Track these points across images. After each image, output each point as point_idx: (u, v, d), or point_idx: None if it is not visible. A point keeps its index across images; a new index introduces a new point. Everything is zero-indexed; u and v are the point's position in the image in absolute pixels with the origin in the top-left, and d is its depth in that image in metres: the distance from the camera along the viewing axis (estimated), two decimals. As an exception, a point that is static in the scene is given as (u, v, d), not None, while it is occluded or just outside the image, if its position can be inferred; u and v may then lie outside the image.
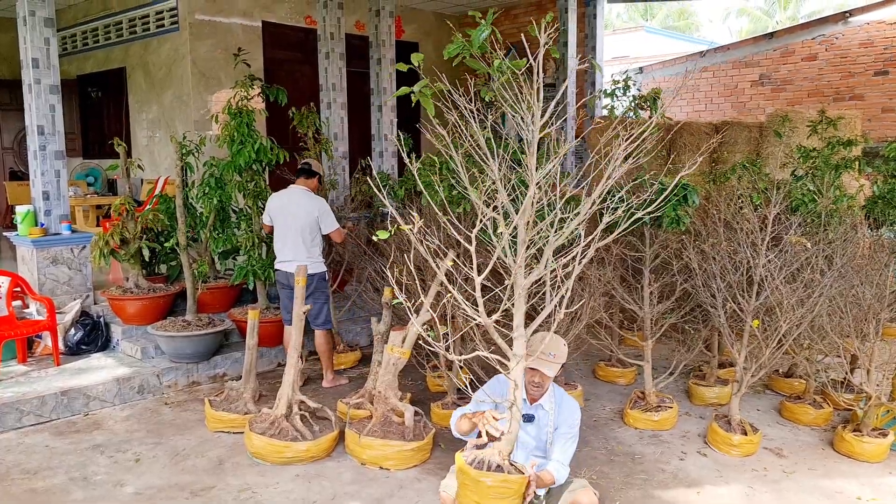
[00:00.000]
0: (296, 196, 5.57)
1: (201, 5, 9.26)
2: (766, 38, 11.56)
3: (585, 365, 6.35)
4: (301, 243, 5.46)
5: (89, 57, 11.18)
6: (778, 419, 5.23)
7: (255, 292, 6.43)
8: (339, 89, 7.97)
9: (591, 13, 11.25)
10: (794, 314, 4.51)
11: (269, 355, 6.29)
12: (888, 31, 10.17)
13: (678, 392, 5.67)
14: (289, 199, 5.57)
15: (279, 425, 4.50)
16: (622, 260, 5.43)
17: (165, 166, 9.61)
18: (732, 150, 9.12)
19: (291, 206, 5.52)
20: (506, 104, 3.11)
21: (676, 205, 4.67)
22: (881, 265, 4.91)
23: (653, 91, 5.61)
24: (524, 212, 3.11)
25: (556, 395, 3.51)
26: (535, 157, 3.03)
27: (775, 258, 4.71)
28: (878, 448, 4.52)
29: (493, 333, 3.33)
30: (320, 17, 7.81)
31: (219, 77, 9.42)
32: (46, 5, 6.19)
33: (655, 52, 15.66)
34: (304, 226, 5.45)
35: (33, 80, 6.19)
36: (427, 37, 12.27)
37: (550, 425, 3.49)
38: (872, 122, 10.20)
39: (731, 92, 11.77)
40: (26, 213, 6.28)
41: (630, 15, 27.57)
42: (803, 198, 5.45)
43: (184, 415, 5.26)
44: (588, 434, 4.94)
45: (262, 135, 6.12)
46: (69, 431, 4.96)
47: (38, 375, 5.59)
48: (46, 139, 6.28)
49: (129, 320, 6.23)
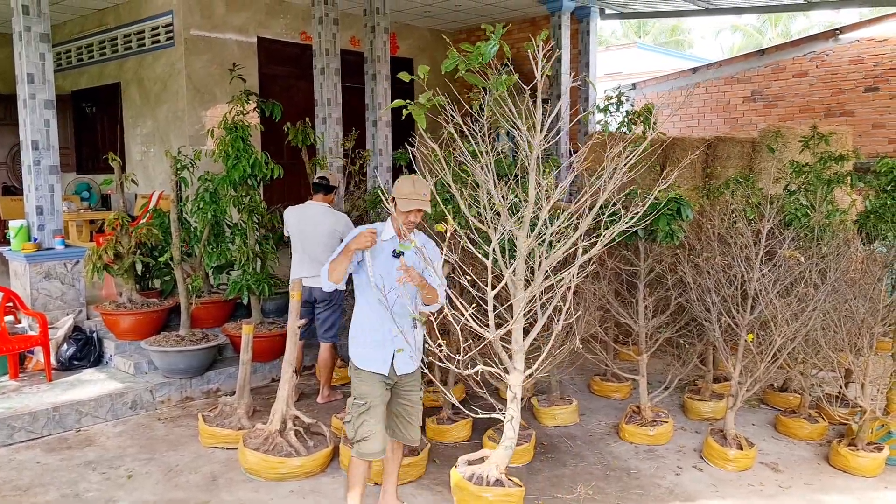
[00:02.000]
0: (315, 213, 5.46)
1: (197, 21, 9.30)
2: (757, 55, 11.68)
3: (581, 380, 6.34)
4: (325, 260, 5.37)
5: (84, 72, 11.20)
6: (773, 434, 5.23)
7: (249, 307, 6.41)
8: (335, 104, 8.00)
9: (585, 30, 11.36)
10: (789, 328, 4.52)
11: (263, 370, 6.26)
12: (878, 48, 10.29)
13: (673, 406, 5.66)
14: (307, 216, 5.46)
15: (273, 441, 4.48)
16: (617, 274, 5.44)
17: (160, 181, 9.60)
18: (725, 165, 9.19)
19: (310, 223, 5.41)
20: (503, 119, 3.13)
21: (670, 219, 4.68)
22: (874, 279, 4.93)
23: (645, 106, 5.63)
24: (524, 226, 3.12)
25: (420, 237, 3.64)
26: (534, 173, 3.04)
27: (769, 272, 4.73)
28: (874, 462, 4.52)
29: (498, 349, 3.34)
30: (315, 33, 7.86)
31: (214, 92, 9.45)
32: (42, 21, 6.21)
33: (648, 69, 15.77)
34: (327, 243, 5.33)
35: (28, 95, 6.19)
36: (422, 53, 12.35)
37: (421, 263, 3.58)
38: (863, 137, 10.29)
39: (723, 108, 11.86)
40: (19, 227, 6.26)
41: (624, 31, 27.79)
42: (796, 212, 5.48)
43: (177, 430, 5.22)
44: (583, 449, 4.92)
45: (257, 149, 6.12)
46: (61, 447, 4.91)
47: (29, 391, 5.54)
48: (41, 154, 6.28)
49: (122, 335, 6.19)
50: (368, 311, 3.65)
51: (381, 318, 3.58)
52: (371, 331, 3.63)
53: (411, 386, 3.78)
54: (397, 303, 3.51)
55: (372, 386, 3.62)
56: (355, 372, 3.68)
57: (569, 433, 5.21)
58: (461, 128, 3.41)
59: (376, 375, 3.62)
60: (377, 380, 3.63)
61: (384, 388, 3.65)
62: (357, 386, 3.67)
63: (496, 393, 5.49)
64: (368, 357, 3.64)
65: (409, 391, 3.77)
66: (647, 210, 4.57)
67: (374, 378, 3.62)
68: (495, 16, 11.58)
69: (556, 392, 5.52)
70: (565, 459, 4.75)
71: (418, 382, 3.82)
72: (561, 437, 5.14)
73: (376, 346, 3.62)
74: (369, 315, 3.64)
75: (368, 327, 3.64)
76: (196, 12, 9.28)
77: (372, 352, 3.63)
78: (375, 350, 3.62)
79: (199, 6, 9.30)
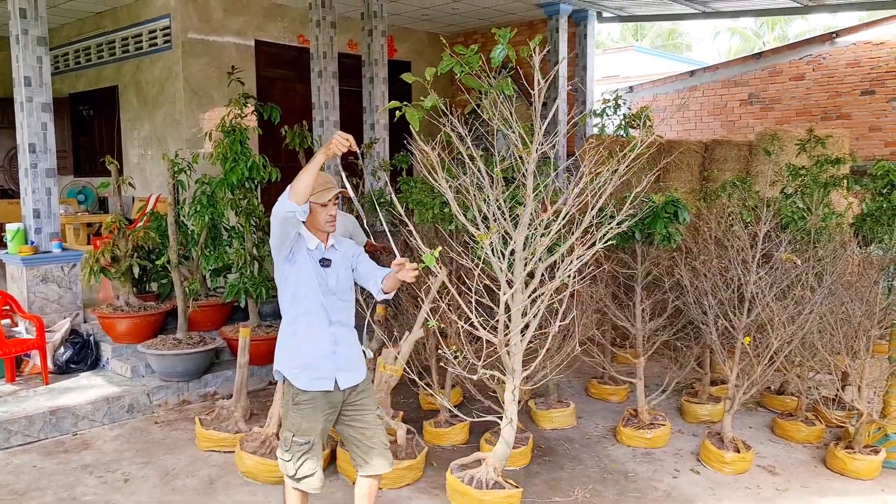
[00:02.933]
0: None
1: (195, 24, 9.31)
2: (754, 58, 11.71)
3: (578, 382, 6.35)
4: None
5: (81, 75, 11.20)
6: (770, 436, 5.23)
7: (246, 310, 6.41)
8: (332, 107, 8.01)
9: (582, 33, 11.38)
10: (785, 331, 4.53)
11: (259, 373, 6.25)
12: (874, 51, 10.32)
13: (671, 409, 5.67)
14: None
15: (270, 444, 4.47)
16: (614, 277, 5.45)
17: (157, 184, 9.60)
18: (722, 168, 9.21)
19: None
20: (501, 123, 3.14)
21: (667, 222, 4.69)
22: (870, 282, 4.94)
23: (641, 109, 5.65)
24: (521, 229, 3.13)
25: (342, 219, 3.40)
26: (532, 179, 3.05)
27: (766, 275, 4.73)
28: (870, 465, 4.52)
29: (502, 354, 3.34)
30: (313, 36, 7.87)
31: (211, 95, 9.45)
32: (39, 25, 6.22)
33: (646, 72, 15.82)
34: None
35: (25, 98, 6.19)
36: (420, 56, 12.37)
37: (346, 262, 3.36)
38: (860, 140, 10.32)
39: (720, 111, 11.89)
40: (16, 230, 6.25)
41: (622, 34, 27.87)
42: (793, 215, 5.49)
43: (174, 434, 5.22)
44: (581, 452, 4.92)
45: (255, 152, 6.12)
46: (57, 451, 4.90)
47: (26, 395, 5.54)
48: (38, 157, 6.28)
49: (119, 339, 6.19)
50: (306, 321, 3.25)
51: (321, 328, 3.25)
52: (310, 343, 3.24)
53: (361, 403, 3.37)
54: (336, 309, 3.28)
55: (314, 419, 3.24)
56: (294, 399, 3.25)
57: (566, 436, 5.21)
58: (457, 130, 3.41)
59: (318, 400, 3.23)
60: (319, 408, 3.24)
61: (326, 420, 3.28)
62: (294, 420, 3.24)
63: (493, 396, 5.49)
64: (309, 375, 3.23)
65: (360, 410, 3.36)
66: (643, 212, 4.60)
67: (315, 406, 3.23)
68: (493, 19, 11.60)
69: (554, 395, 5.52)
70: (563, 462, 4.75)
71: (371, 399, 3.43)
72: (558, 440, 5.14)
73: (319, 360, 3.23)
74: (308, 325, 3.25)
75: (307, 340, 3.25)
76: (194, 16, 9.29)
77: (314, 369, 3.23)
78: (318, 365, 3.23)
79: (196, 10, 9.31)
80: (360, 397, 3.35)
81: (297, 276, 3.23)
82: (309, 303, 3.22)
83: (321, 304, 3.23)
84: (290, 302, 3.26)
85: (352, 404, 3.33)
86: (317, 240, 3.26)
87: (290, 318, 3.29)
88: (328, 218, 3.24)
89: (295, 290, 3.24)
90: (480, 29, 12.22)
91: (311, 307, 3.23)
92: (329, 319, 3.25)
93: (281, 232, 3.11)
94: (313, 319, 3.23)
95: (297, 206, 3.01)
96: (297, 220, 3.04)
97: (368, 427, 3.36)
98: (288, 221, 3.05)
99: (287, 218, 3.04)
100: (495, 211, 3.34)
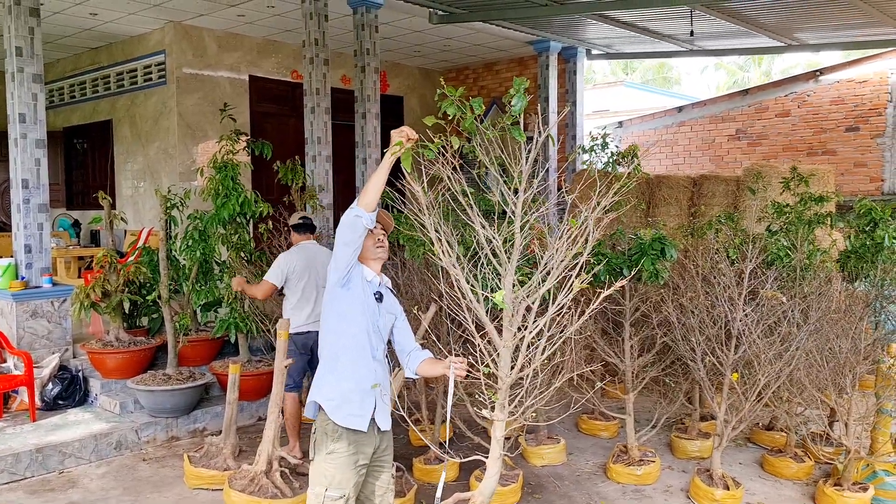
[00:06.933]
0: (316, 252, 5.37)
1: (189, 60, 9.43)
2: (741, 95, 11.92)
3: (568, 418, 6.33)
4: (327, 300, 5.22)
5: (76, 109, 11.29)
6: (760, 473, 5.23)
7: (236, 345, 6.40)
8: (325, 143, 8.08)
9: (571, 69, 11.58)
10: (772, 367, 4.56)
11: (250, 409, 6.22)
12: (857, 89, 10.54)
13: (661, 445, 5.67)
14: (312, 255, 5.34)
15: (259, 482, 4.44)
16: (602, 313, 5.48)
17: (150, 217, 9.63)
18: (711, 203, 9.31)
19: (319, 262, 5.27)
20: (488, 161, 3.17)
21: (655, 259, 4.75)
22: (856, 318, 5.00)
23: (630, 147, 5.74)
24: (511, 267, 3.16)
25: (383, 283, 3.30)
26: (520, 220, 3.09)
27: (752, 312, 4.78)
28: (859, 502, 4.53)
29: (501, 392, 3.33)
30: (306, 73, 7.97)
31: (205, 129, 9.54)
32: (35, 62, 6.29)
33: (635, 107, 16.03)
34: (324, 282, 5.25)
35: (20, 134, 6.24)
36: (412, 91, 12.53)
37: (391, 309, 3.26)
38: (845, 175, 10.48)
39: (708, 146, 12.06)
40: (7, 266, 6.25)
41: (612, 69, 28.26)
42: (778, 252, 5.56)
43: (162, 471, 5.17)
44: (571, 489, 4.91)
45: (247, 188, 6.17)
46: (43, 490, 4.85)
47: (13, 431, 5.49)
48: (30, 192, 6.31)
49: (108, 374, 6.16)
50: (352, 353, 3.09)
51: (366, 362, 3.11)
52: (353, 374, 3.07)
53: (384, 460, 3.20)
54: (379, 346, 3.18)
55: (349, 468, 2.99)
56: (328, 447, 2.99)
57: (556, 473, 5.20)
58: (452, 165, 3.43)
59: (353, 447, 3.01)
60: (354, 457, 3.01)
61: (358, 473, 3.04)
62: (328, 471, 2.97)
63: (484, 433, 5.47)
64: (348, 410, 3.02)
65: (380, 468, 3.18)
66: (632, 249, 4.65)
67: (350, 454, 3.00)
68: (484, 55, 11.79)
69: (544, 431, 5.52)
70: (553, 500, 4.74)
71: (391, 456, 3.25)
72: (549, 476, 5.13)
73: (360, 394, 3.06)
74: (352, 358, 3.09)
75: (350, 370, 3.07)
76: (188, 51, 9.41)
77: (353, 404, 3.03)
78: (358, 400, 3.05)
79: (191, 46, 9.44)
80: (384, 453, 3.20)
81: (349, 302, 3.10)
82: (357, 330, 3.09)
83: (368, 336, 3.11)
84: (336, 329, 3.12)
85: (377, 459, 3.16)
86: (373, 272, 3.21)
87: (334, 350, 3.13)
88: (376, 242, 3.19)
89: (343, 316, 3.10)
90: (472, 65, 12.41)
91: (358, 337, 3.09)
92: (373, 355, 3.14)
93: (349, 238, 3.00)
94: (358, 352, 3.10)
95: (364, 212, 2.95)
96: (364, 227, 2.96)
97: (381, 487, 3.19)
98: (354, 227, 2.97)
99: (353, 224, 2.96)
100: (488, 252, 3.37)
